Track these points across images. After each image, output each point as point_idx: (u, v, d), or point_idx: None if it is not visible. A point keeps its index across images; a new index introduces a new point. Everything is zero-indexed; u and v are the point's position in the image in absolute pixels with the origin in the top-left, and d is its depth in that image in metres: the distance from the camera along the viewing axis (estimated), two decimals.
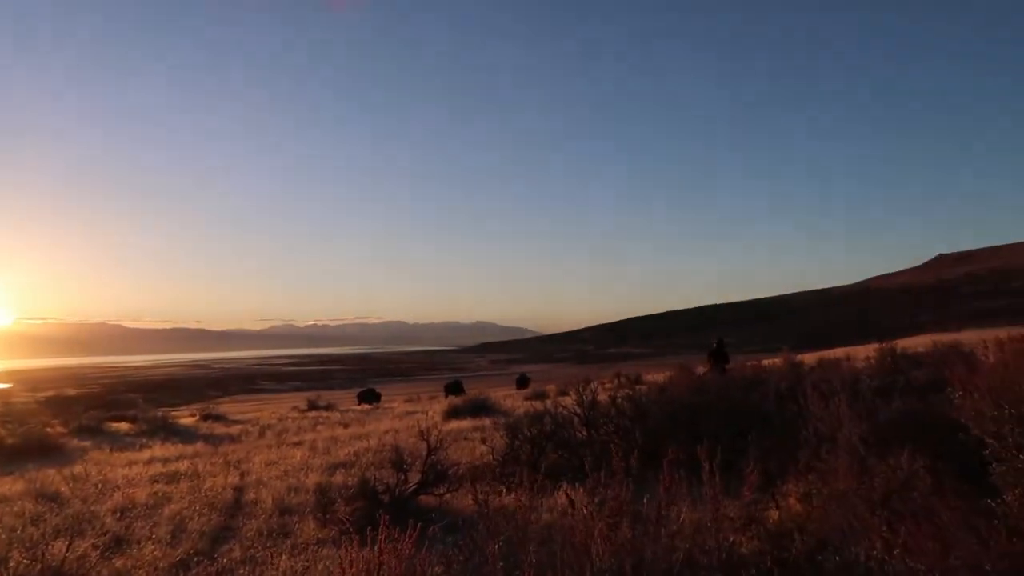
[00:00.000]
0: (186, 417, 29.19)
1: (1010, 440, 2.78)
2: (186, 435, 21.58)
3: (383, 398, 43.23)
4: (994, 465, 2.90)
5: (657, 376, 24.50)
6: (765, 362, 19.70)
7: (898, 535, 2.81)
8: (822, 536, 3.09)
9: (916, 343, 23.66)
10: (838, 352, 33.07)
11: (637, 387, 18.67)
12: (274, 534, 7.35)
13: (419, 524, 2.98)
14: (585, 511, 3.08)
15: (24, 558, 5.72)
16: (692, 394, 9.28)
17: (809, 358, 29.28)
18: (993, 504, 2.79)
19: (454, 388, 39.31)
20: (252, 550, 6.65)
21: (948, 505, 2.80)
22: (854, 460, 3.96)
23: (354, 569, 2.71)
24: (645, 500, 6.81)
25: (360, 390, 44.74)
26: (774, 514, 4.37)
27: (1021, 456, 2.74)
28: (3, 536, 7.28)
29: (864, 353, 21.80)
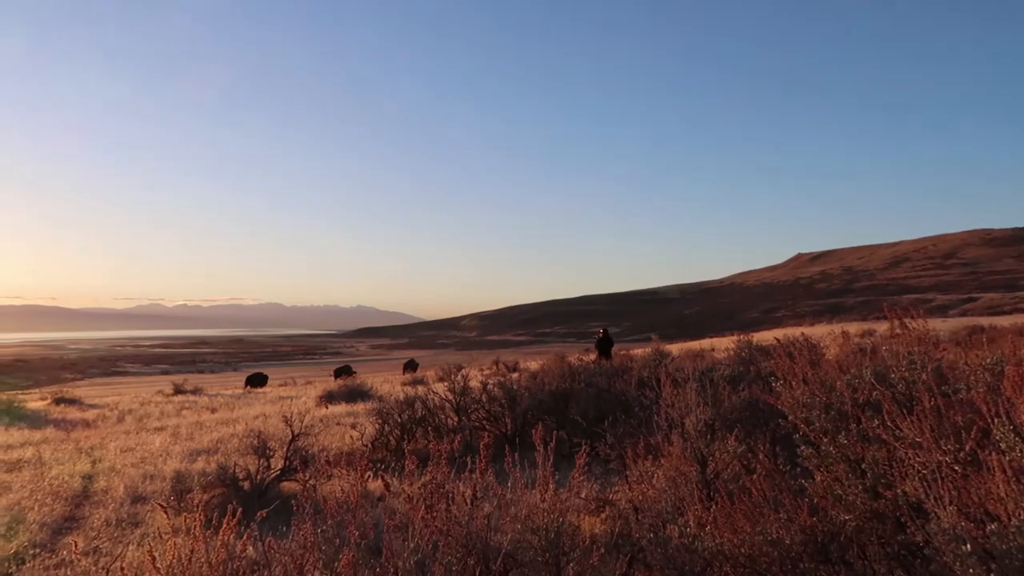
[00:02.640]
0: (36, 401, 27.18)
1: (817, 425, 3.05)
2: (34, 420, 20.11)
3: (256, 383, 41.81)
4: (802, 448, 3.18)
5: (534, 364, 24.98)
6: (635, 351, 20.46)
7: (719, 512, 3.04)
8: (655, 515, 3.28)
9: (771, 335, 25.22)
10: (704, 343, 34.81)
11: (512, 374, 18.98)
12: (123, 523, 7.00)
13: (266, 510, 2.91)
14: (408, 493, 3.13)
15: None
16: (560, 381, 9.53)
17: (676, 348, 30.68)
18: (805, 484, 3.06)
19: (344, 371, 38.83)
20: (97, 541, 6.31)
21: (759, 485, 3.05)
22: (695, 444, 4.21)
23: (172, 555, 2.65)
24: (508, 485, 6.96)
25: (249, 373, 43.17)
26: (628, 494, 4.60)
27: (825, 440, 3.02)
28: None
29: (726, 344, 23.04)
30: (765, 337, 22.43)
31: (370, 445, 9.11)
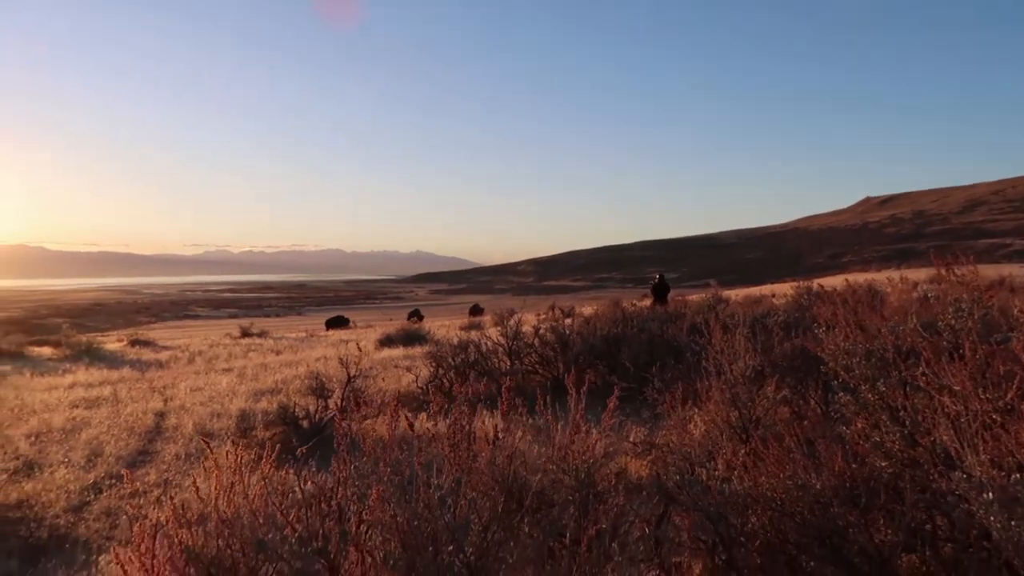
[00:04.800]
0: (113, 343, 28.50)
1: (857, 372, 3.01)
2: (112, 360, 21.15)
3: (319, 325, 43.12)
4: (840, 395, 3.14)
5: (589, 309, 25.00)
6: (692, 297, 20.28)
7: (748, 457, 3.05)
8: (682, 458, 3.31)
9: (834, 281, 24.63)
10: (763, 289, 34.21)
11: (567, 319, 19.04)
12: (191, 458, 7.39)
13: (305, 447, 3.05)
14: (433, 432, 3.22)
15: None
16: (612, 326, 9.54)
17: (735, 294, 30.24)
18: (845, 431, 3.04)
19: (415, 315, 40.35)
20: (167, 474, 6.69)
21: (793, 430, 3.04)
22: (734, 389, 4.20)
23: (216, 486, 2.82)
24: (559, 427, 7.04)
25: (318, 317, 44.93)
26: (668, 439, 4.63)
27: (864, 387, 2.97)
28: None
29: (785, 290, 22.63)
30: (827, 283, 21.93)
31: (424, 388, 9.33)
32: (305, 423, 7.52)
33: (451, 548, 2.34)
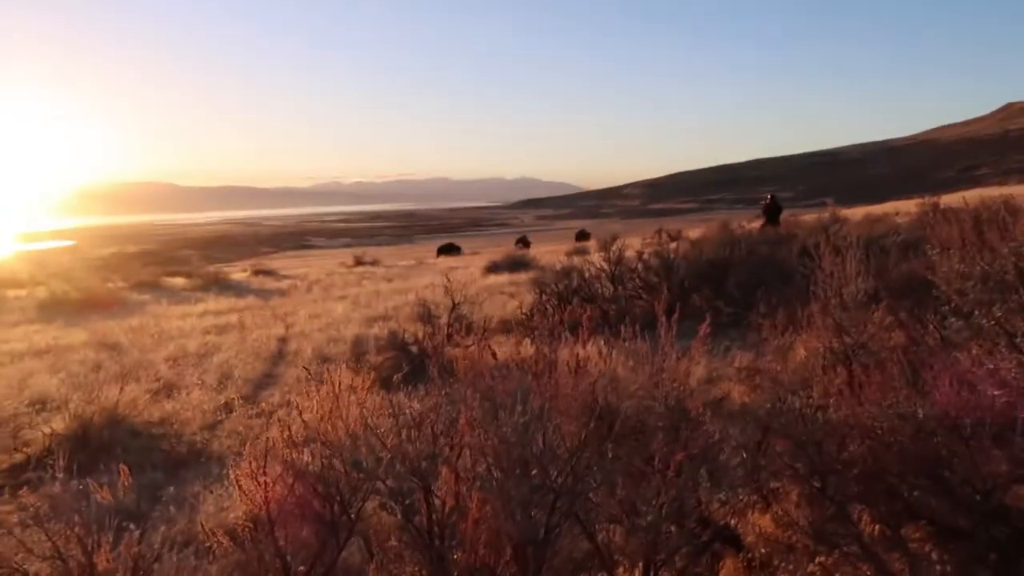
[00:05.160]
0: (238, 273, 30.25)
1: (972, 297, 2.82)
2: (238, 289, 22.53)
3: (428, 253, 44.28)
4: (951, 320, 2.96)
5: (698, 232, 24.39)
6: (806, 218, 19.40)
7: (847, 385, 2.95)
8: (775, 384, 3.24)
9: (966, 197, 22.90)
10: (886, 207, 32.20)
11: (673, 243, 18.69)
12: (311, 381, 7.84)
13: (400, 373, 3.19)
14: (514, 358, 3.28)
15: (82, 400, 6.28)
16: (719, 250, 9.30)
17: (855, 213, 28.68)
18: (959, 358, 2.87)
19: (522, 241, 41.28)
20: (289, 395, 7.14)
21: (898, 357, 2.90)
22: (836, 314, 4.03)
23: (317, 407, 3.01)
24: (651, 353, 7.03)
25: (441, 244, 46.45)
26: (771, 366, 4.53)
27: (977, 313, 2.79)
28: (67, 381, 7.95)
29: (910, 208, 21.28)
30: (955, 199, 20.42)
31: (528, 314, 9.46)
32: (414, 348, 7.82)
33: (536, 471, 2.42)
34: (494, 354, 3.06)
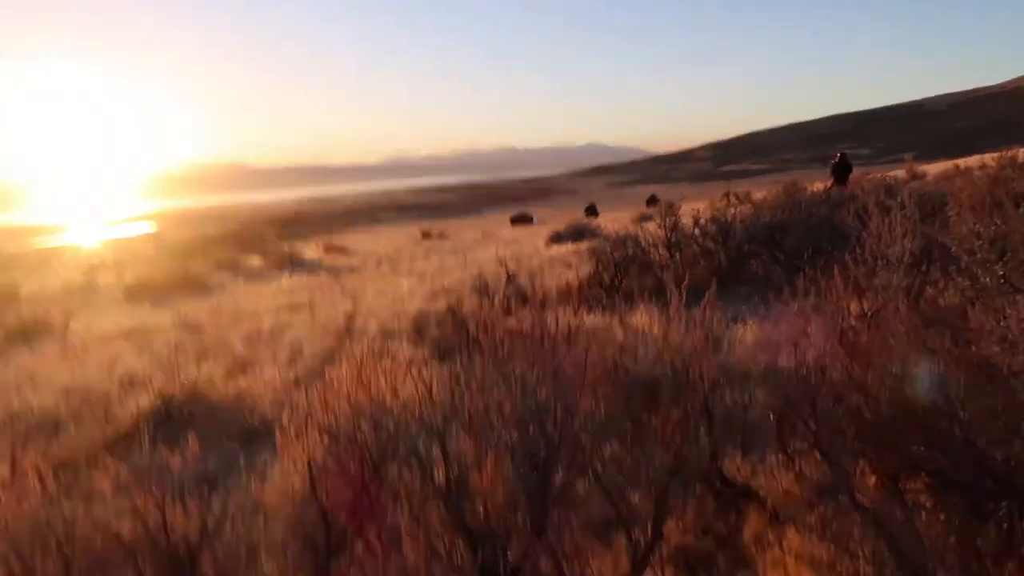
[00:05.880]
0: (311, 251, 31.17)
1: (979, 256, 2.80)
2: (310, 267, 23.31)
3: (495, 225, 44.69)
4: (959, 280, 2.95)
5: (768, 192, 23.86)
6: (880, 175, 18.77)
7: (842, 345, 3.01)
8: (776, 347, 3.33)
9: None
10: (972, 160, 30.69)
11: (739, 207, 18.37)
12: (376, 355, 8.19)
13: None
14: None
15: (165, 379, 6.77)
16: (776, 212, 9.17)
17: (936, 168, 27.48)
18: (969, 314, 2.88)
19: (590, 211, 41.34)
20: (338, 368, 7.49)
21: (905, 318, 2.92)
22: (854, 275, 4.02)
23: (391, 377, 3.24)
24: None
25: (514, 214, 47.26)
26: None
27: (981, 272, 2.77)
28: (153, 361, 8.52)
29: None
30: None
31: (584, 283, 9.58)
32: (471, 321, 8.06)
33: (533, 428, 2.61)
34: (538, 324, 3.25)
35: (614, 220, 29.82)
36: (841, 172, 19.70)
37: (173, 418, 6.27)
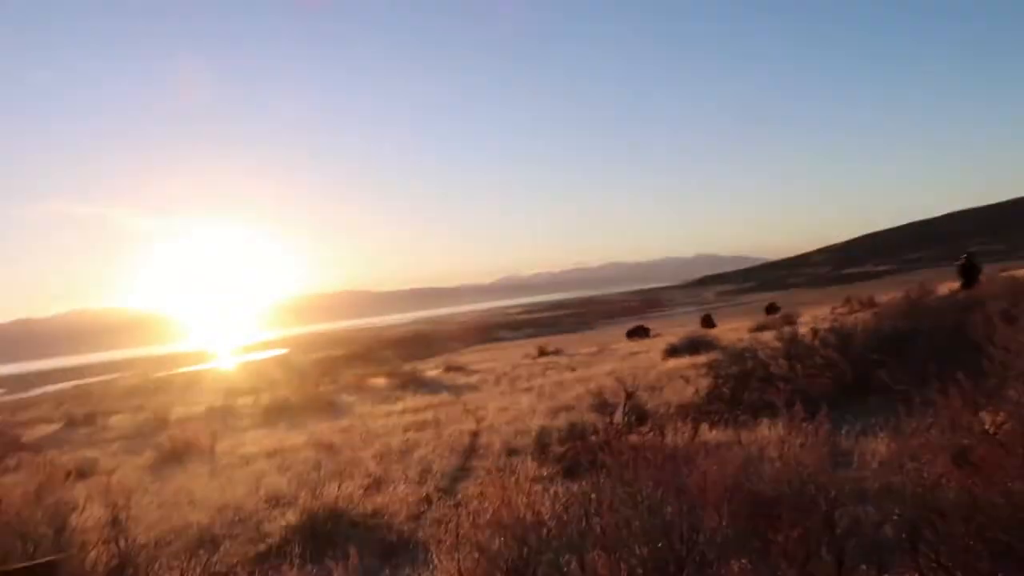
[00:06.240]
0: (432, 370, 32.09)
1: None
2: (433, 386, 24.01)
3: (609, 339, 44.81)
4: None
5: (892, 297, 23.02)
6: (1009, 274, 17.88)
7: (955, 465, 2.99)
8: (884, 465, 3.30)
9: None
10: None
11: (861, 312, 17.86)
12: (501, 473, 8.45)
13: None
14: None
15: (308, 497, 7.28)
16: (900, 320, 8.99)
17: None
18: None
19: (707, 321, 41.30)
20: (483, 486, 7.76)
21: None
22: (970, 393, 3.97)
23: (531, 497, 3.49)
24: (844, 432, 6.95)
25: (631, 327, 47.85)
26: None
27: None
28: (294, 479, 9.12)
29: None
30: None
31: (704, 398, 9.59)
32: (593, 438, 8.23)
33: (662, 544, 2.77)
34: (660, 442, 3.46)
35: (732, 330, 29.31)
36: (969, 274, 18.90)
37: (317, 534, 6.69)
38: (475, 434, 11.61)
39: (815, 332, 9.77)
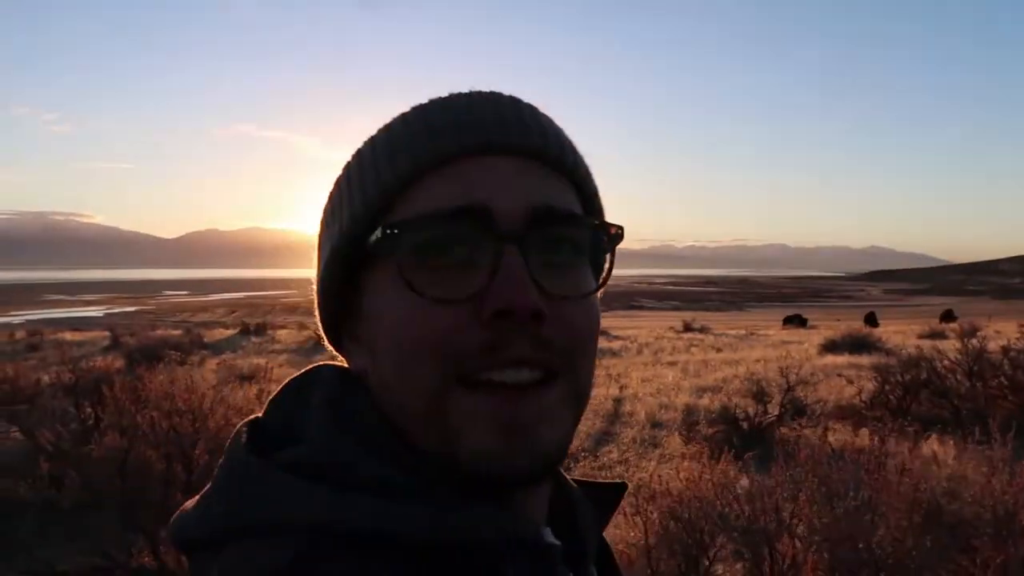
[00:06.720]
0: None
1: None
2: None
3: (759, 323, 43.31)
4: None
5: None
6: None
7: None
8: None
9: None
10: None
11: None
12: (645, 443, 8.51)
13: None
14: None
15: None
16: None
17: None
18: None
19: (870, 320, 38.90)
20: (626, 454, 7.88)
21: None
22: None
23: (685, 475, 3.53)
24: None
25: (787, 314, 46.65)
26: None
27: None
28: None
29: None
30: None
31: (868, 403, 9.12)
32: (745, 424, 8.08)
33: (862, 545, 2.70)
34: (831, 447, 3.40)
35: (897, 333, 27.45)
36: None
37: None
38: (618, 400, 11.68)
39: (1006, 350, 8.98)
